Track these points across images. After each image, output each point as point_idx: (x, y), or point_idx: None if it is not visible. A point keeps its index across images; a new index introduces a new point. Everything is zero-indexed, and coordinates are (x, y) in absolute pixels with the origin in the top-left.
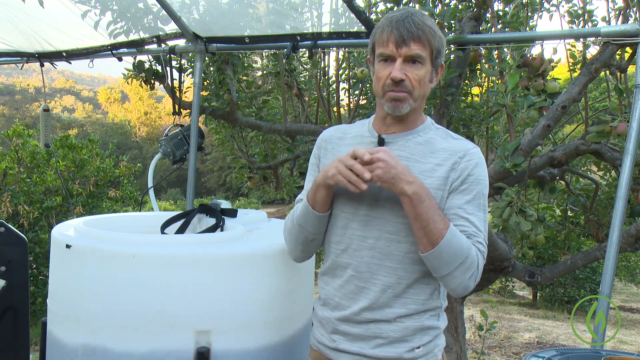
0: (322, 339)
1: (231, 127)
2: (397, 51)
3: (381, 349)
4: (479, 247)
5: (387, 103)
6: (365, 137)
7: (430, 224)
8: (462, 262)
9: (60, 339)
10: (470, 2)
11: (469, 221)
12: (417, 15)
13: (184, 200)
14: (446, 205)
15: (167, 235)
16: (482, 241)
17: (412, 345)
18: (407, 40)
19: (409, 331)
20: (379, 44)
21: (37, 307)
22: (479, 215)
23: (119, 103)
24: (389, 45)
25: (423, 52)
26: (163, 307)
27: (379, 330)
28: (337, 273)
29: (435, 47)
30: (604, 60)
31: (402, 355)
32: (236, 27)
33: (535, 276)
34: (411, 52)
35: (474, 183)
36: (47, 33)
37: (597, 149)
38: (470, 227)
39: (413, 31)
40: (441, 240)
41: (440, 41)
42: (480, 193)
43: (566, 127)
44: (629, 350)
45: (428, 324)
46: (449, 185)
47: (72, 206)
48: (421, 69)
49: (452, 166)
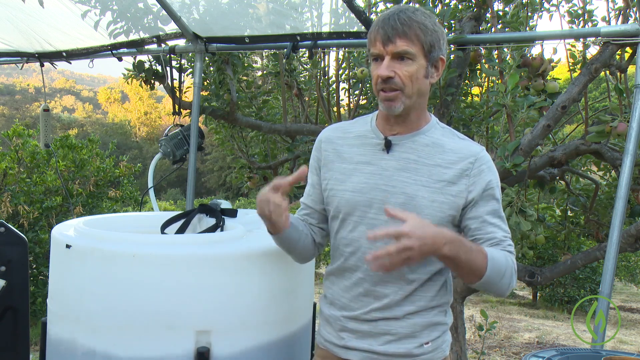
0: (330, 337)
1: (231, 127)
2: (384, 49)
3: (390, 345)
4: (510, 250)
5: (381, 103)
6: (369, 138)
7: (472, 265)
8: (504, 276)
9: (60, 339)
10: (470, 2)
11: (497, 226)
12: (406, 11)
13: (184, 200)
14: (472, 214)
15: (167, 235)
16: (510, 242)
17: (421, 341)
18: (392, 37)
19: (417, 327)
20: (369, 44)
21: (37, 307)
22: (502, 216)
23: (119, 103)
24: (377, 44)
25: (411, 48)
26: (163, 307)
27: (388, 327)
28: (346, 275)
29: (426, 42)
30: (604, 60)
31: (412, 351)
32: (236, 27)
33: (535, 276)
34: (397, 48)
35: (493, 188)
36: (47, 33)
37: (597, 149)
38: (499, 232)
39: (398, 27)
40: (485, 273)
41: (434, 35)
42: (499, 195)
43: (566, 127)
44: (629, 350)
45: (436, 319)
46: (465, 193)
47: (72, 206)
48: (411, 65)
49: (462, 172)
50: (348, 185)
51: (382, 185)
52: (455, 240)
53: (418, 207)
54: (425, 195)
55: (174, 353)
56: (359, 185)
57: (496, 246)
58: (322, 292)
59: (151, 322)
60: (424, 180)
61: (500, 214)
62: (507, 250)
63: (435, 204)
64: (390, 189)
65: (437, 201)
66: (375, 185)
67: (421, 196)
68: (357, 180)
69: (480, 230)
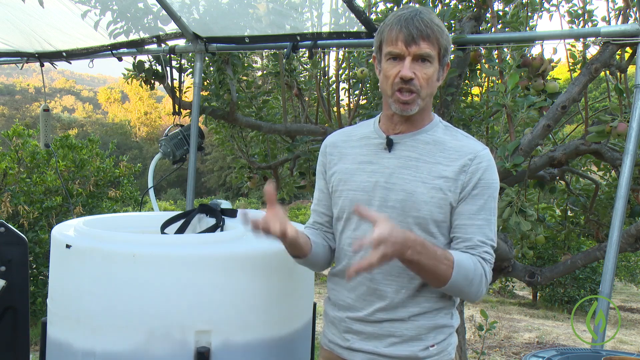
0: (334, 338)
1: (231, 127)
2: (407, 49)
3: (395, 347)
4: (485, 257)
5: (395, 104)
6: (372, 139)
7: (436, 271)
8: (472, 282)
9: (60, 339)
10: (470, 2)
11: (479, 228)
12: (426, 13)
13: (184, 200)
14: (459, 209)
15: (167, 235)
16: (488, 250)
17: (426, 343)
18: (416, 38)
19: (423, 329)
20: (388, 42)
21: (37, 307)
22: (489, 219)
23: (119, 103)
24: (398, 44)
25: (432, 51)
26: (163, 307)
27: (393, 329)
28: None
29: (443, 46)
30: (604, 60)
31: (417, 354)
32: (236, 27)
33: (535, 276)
34: (420, 50)
35: (484, 187)
36: (47, 33)
37: (597, 149)
38: (478, 235)
39: (422, 29)
40: (449, 280)
41: (448, 40)
42: (491, 197)
43: (566, 127)
44: (629, 350)
45: (442, 322)
46: (460, 189)
47: (72, 206)
48: (430, 67)
49: (461, 168)
50: (351, 184)
51: (383, 182)
52: (418, 245)
53: (417, 204)
54: (425, 191)
55: (174, 353)
56: (362, 184)
57: (471, 250)
58: (322, 293)
59: (151, 322)
60: (423, 177)
61: (488, 218)
62: (481, 256)
63: (434, 200)
64: (391, 187)
65: (436, 197)
66: (377, 184)
67: (420, 192)
68: (360, 180)
69: (460, 229)
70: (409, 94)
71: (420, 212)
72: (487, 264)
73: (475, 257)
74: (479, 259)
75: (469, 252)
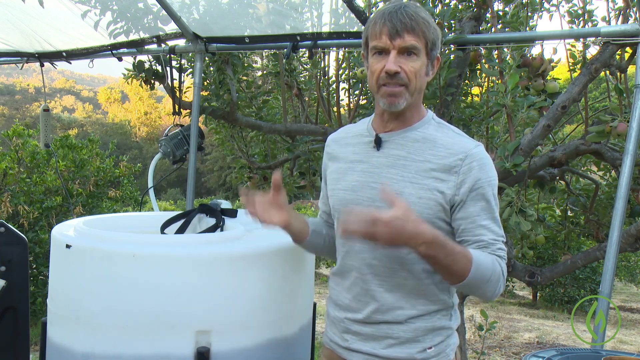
0: (335, 337)
1: (231, 127)
2: (391, 43)
3: (393, 349)
4: (500, 254)
5: (382, 99)
6: (364, 137)
7: (453, 268)
8: (489, 280)
9: (60, 339)
10: (470, 2)
11: (487, 228)
12: (410, 6)
13: (184, 200)
14: (461, 214)
15: (167, 235)
16: (501, 246)
17: (423, 345)
18: (400, 31)
19: (420, 332)
20: (372, 37)
21: (37, 307)
22: (494, 216)
23: (119, 103)
24: (382, 38)
25: (418, 44)
26: (163, 307)
27: (390, 331)
28: (345, 275)
29: (429, 39)
30: (604, 60)
31: (414, 356)
32: (236, 27)
33: (535, 276)
34: (405, 43)
35: (483, 187)
36: (47, 33)
37: (597, 149)
38: (488, 235)
39: (406, 22)
40: (467, 276)
41: (435, 33)
42: (491, 194)
43: (566, 127)
44: (629, 350)
45: (440, 324)
46: (453, 190)
47: (72, 206)
48: (416, 60)
49: (451, 168)
50: (342, 184)
51: (372, 182)
52: (435, 242)
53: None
54: (412, 192)
55: (174, 353)
56: (351, 183)
57: (484, 249)
58: (322, 293)
59: (151, 322)
60: (411, 176)
61: (493, 215)
62: (496, 254)
63: (423, 201)
64: (379, 186)
65: (424, 198)
66: (365, 183)
67: (408, 193)
68: (350, 179)
69: (468, 232)
70: (395, 85)
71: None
72: (502, 261)
73: (492, 256)
74: (496, 257)
75: (485, 250)
